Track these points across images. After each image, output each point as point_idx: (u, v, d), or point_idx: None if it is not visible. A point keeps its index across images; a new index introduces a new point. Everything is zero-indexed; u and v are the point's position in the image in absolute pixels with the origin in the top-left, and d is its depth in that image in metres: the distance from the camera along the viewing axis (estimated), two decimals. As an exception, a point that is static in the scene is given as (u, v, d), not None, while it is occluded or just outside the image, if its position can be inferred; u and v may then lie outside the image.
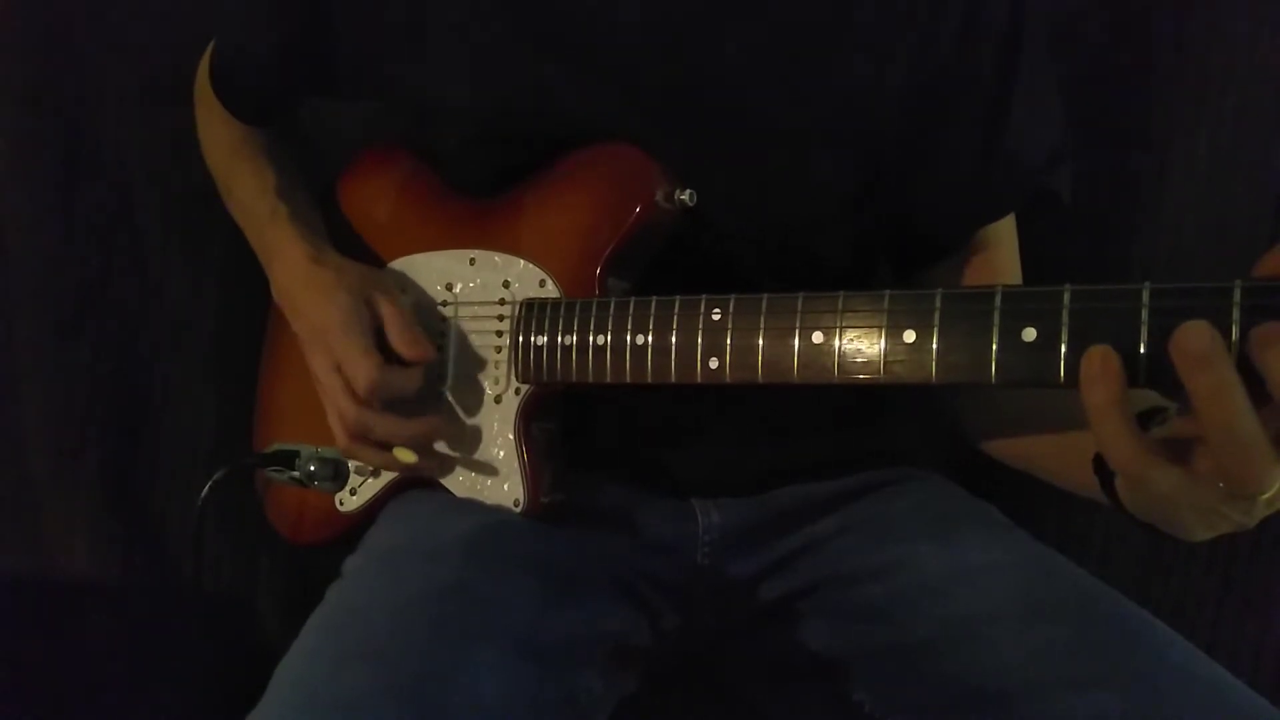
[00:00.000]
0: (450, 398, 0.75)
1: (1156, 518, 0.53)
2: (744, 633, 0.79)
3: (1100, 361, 0.45)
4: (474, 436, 0.73)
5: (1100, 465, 0.56)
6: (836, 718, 0.71)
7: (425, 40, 0.74)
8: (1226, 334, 0.43)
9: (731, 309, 0.61)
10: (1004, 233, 0.79)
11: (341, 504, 0.81)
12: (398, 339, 0.71)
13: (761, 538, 0.77)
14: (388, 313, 0.72)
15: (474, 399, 0.74)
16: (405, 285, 0.78)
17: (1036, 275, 0.79)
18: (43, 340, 1.00)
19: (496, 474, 0.72)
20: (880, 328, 0.55)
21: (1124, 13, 0.93)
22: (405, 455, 0.72)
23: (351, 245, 0.82)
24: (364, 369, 0.69)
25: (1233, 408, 0.42)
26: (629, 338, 0.65)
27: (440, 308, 0.76)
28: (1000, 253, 0.79)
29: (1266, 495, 0.45)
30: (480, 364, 0.74)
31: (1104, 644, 0.61)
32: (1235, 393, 0.42)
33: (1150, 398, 0.50)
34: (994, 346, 0.51)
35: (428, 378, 0.73)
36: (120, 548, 1.02)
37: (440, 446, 0.74)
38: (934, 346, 0.53)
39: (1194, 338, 0.43)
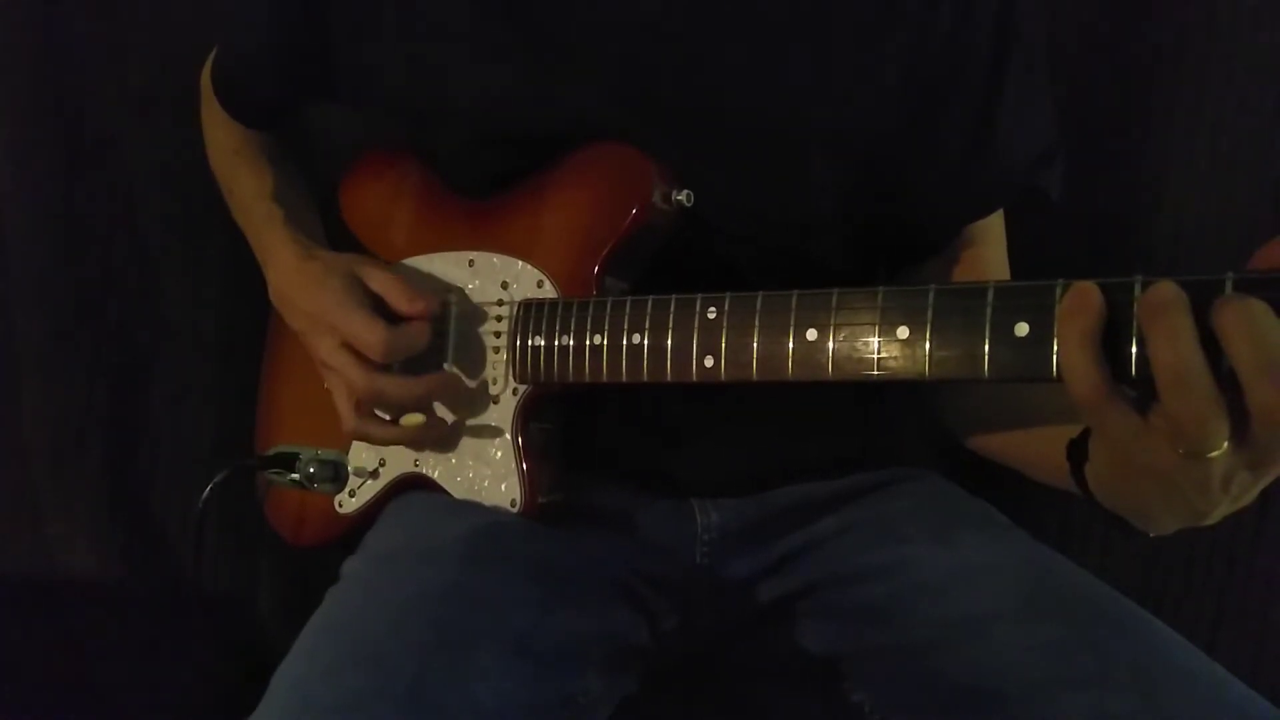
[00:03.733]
0: (454, 374, 0.75)
1: (1121, 499, 0.54)
2: (743, 633, 0.79)
3: (1083, 294, 0.47)
4: (472, 437, 0.73)
5: (1072, 451, 0.57)
6: (836, 718, 0.71)
7: (423, 45, 0.74)
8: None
9: (727, 307, 0.61)
10: (992, 230, 0.80)
11: (340, 506, 0.81)
12: (397, 298, 0.72)
13: (761, 538, 0.77)
14: (380, 280, 0.72)
15: (473, 399, 0.74)
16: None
17: (1036, 276, 0.79)
18: (43, 340, 1.00)
19: (494, 474, 0.72)
20: (874, 324, 0.55)
21: (1124, 12, 0.93)
22: (413, 419, 0.72)
23: (352, 249, 0.83)
24: (373, 333, 0.69)
25: (1182, 350, 0.44)
26: (625, 337, 0.65)
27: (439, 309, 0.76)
28: (988, 250, 0.79)
29: (1215, 454, 0.45)
30: (478, 364, 0.73)
31: (1104, 644, 0.61)
32: (1186, 337, 0.43)
33: None
34: (986, 342, 0.51)
35: (430, 361, 0.73)
36: (120, 548, 1.02)
37: (444, 418, 0.74)
38: (927, 342, 0.53)
39: (1158, 291, 0.44)
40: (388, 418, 0.74)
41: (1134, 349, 0.46)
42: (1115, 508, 0.55)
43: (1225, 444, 0.45)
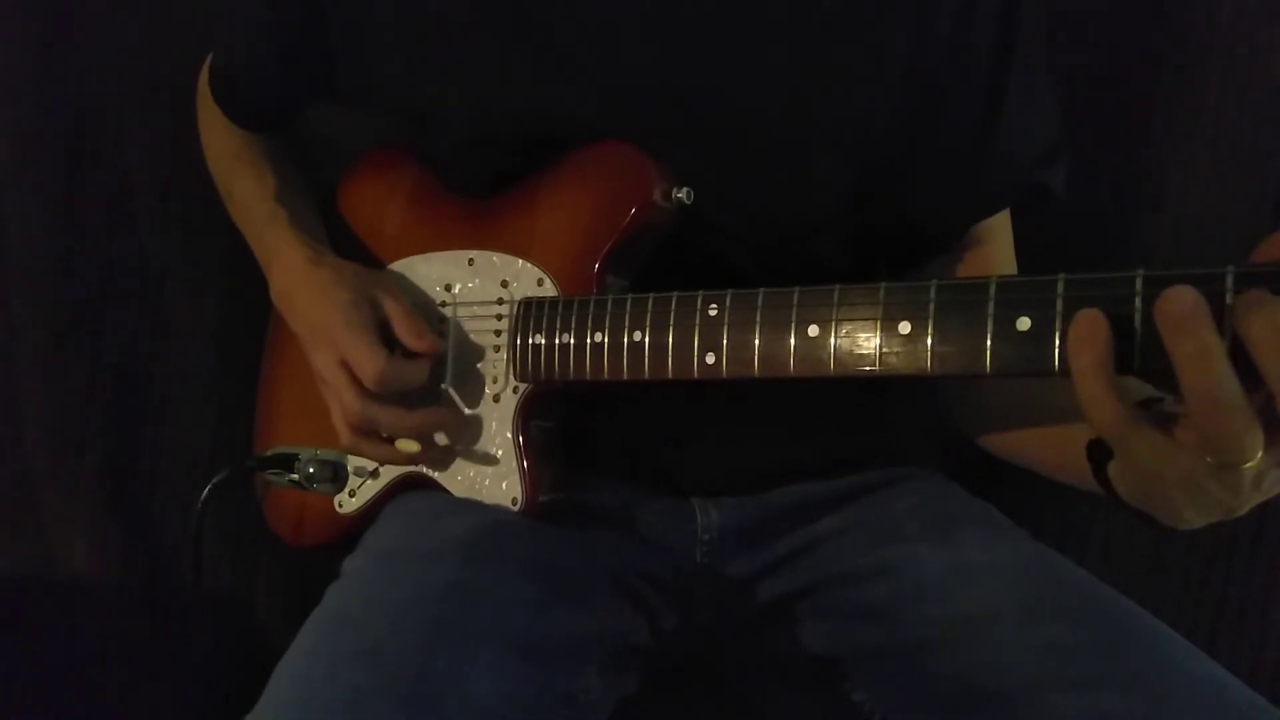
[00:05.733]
0: (450, 397, 0.75)
1: (1148, 501, 0.54)
2: (743, 633, 0.79)
3: (1089, 324, 0.46)
4: (473, 436, 0.73)
5: (1093, 451, 0.57)
6: (836, 718, 0.71)
7: (421, 47, 0.74)
8: (1220, 318, 0.43)
9: (728, 304, 0.61)
10: (999, 228, 0.79)
11: (340, 506, 0.81)
12: (404, 332, 0.72)
13: (761, 537, 0.77)
14: (392, 307, 0.72)
15: (473, 398, 0.74)
16: (404, 287, 0.78)
17: (1037, 273, 0.79)
18: (43, 340, 1.00)
19: (495, 473, 0.72)
20: (876, 320, 0.55)
21: (1124, 11, 0.93)
22: (407, 445, 0.72)
23: (351, 248, 0.83)
24: (371, 361, 0.69)
25: (1214, 371, 0.43)
26: (626, 335, 0.65)
27: (439, 308, 0.76)
28: (995, 248, 0.79)
29: (1250, 464, 0.45)
30: (479, 364, 0.74)
31: (1104, 644, 0.61)
32: (1217, 356, 0.43)
33: (1145, 389, 0.51)
34: (988, 337, 0.51)
35: (429, 376, 0.73)
36: (120, 548, 1.02)
37: (440, 442, 0.74)
38: (929, 338, 0.53)
39: (1176, 300, 0.43)
40: (384, 434, 0.74)
41: (1136, 345, 0.46)
42: (1142, 507, 0.55)
43: (1260, 453, 0.45)
